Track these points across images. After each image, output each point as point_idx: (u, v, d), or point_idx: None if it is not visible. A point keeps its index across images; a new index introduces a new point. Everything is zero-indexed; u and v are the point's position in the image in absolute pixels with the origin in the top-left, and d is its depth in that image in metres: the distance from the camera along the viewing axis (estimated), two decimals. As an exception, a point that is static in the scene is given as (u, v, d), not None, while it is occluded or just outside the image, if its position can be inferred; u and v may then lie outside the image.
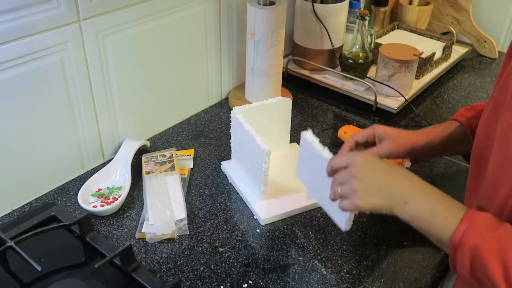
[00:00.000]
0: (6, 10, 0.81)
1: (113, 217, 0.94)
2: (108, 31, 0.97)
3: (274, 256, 0.87)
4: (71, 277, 0.80)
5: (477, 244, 0.62)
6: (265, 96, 1.21)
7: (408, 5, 1.57)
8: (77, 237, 0.87)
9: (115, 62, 1.00)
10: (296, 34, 1.39)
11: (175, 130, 1.20)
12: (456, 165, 1.10)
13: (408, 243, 0.91)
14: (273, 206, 0.96)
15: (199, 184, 1.03)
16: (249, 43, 1.18)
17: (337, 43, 1.36)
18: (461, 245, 0.64)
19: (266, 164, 0.91)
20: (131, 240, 0.89)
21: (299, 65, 1.41)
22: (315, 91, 1.36)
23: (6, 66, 0.84)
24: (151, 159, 1.04)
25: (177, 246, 0.89)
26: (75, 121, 0.99)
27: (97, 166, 1.06)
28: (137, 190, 1.00)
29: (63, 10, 0.88)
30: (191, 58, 1.18)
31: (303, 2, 1.30)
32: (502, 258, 0.60)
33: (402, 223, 0.95)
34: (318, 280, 0.83)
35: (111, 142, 1.08)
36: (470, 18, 1.56)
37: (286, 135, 1.10)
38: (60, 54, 0.91)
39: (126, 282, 0.80)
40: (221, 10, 1.19)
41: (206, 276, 0.83)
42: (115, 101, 1.04)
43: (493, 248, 0.62)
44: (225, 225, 0.93)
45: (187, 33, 1.13)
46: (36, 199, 0.97)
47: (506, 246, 0.61)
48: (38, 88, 0.90)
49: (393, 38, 1.49)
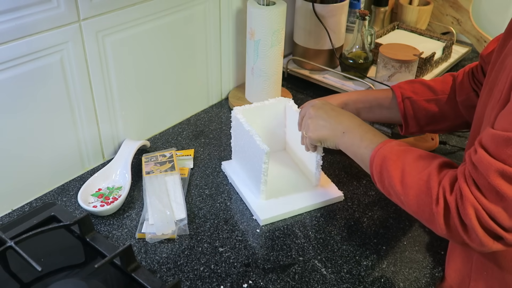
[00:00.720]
0: (6, 10, 0.80)
1: (113, 217, 0.94)
2: (108, 31, 0.97)
3: (274, 256, 0.87)
4: (71, 277, 0.80)
5: (386, 155, 0.77)
6: (265, 96, 1.21)
7: (408, 5, 1.57)
8: (77, 237, 0.87)
9: (115, 62, 1.00)
10: (296, 34, 1.39)
11: (175, 130, 1.20)
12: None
13: (408, 243, 0.91)
14: (273, 206, 0.96)
15: (199, 184, 1.03)
16: (249, 43, 1.18)
17: (337, 43, 1.36)
18: (375, 158, 0.78)
19: (266, 164, 0.91)
20: (131, 240, 0.89)
21: (299, 65, 1.41)
22: (315, 91, 1.36)
23: (6, 66, 0.84)
24: (151, 159, 1.04)
25: (177, 246, 0.89)
26: (75, 121, 0.99)
27: (97, 166, 1.06)
28: (137, 190, 1.00)
29: (63, 10, 0.88)
30: (191, 58, 1.18)
31: (303, 2, 1.30)
32: (402, 164, 0.74)
33: (402, 223, 0.95)
34: (318, 280, 0.83)
35: (111, 142, 1.08)
36: (470, 18, 1.56)
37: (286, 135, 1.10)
38: (60, 54, 0.91)
39: (126, 282, 0.80)
40: (221, 10, 1.19)
41: (206, 276, 0.83)
42: (115, 101, 1.04)
43: (397, 158, 0.75)
44: (225, 225, 0.93)
45: (187, 33, 1.13)
46: (36, 199, 0.97)
47: (406, 156, 0.74)
48: (38, 88, 0.90)
49: (393, 38, 1.49)
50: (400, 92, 1.00)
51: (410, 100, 0.99)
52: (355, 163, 1.09)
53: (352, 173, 1.07)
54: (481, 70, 0.95)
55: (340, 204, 0.99)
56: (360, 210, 0.98)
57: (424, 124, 1.01)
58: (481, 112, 0.77)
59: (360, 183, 1.04)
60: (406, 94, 0.99)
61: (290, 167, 1.06)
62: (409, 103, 0.99)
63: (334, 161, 1.10)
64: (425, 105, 0.99)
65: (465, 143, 1.17)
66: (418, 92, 1.00)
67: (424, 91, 1.00)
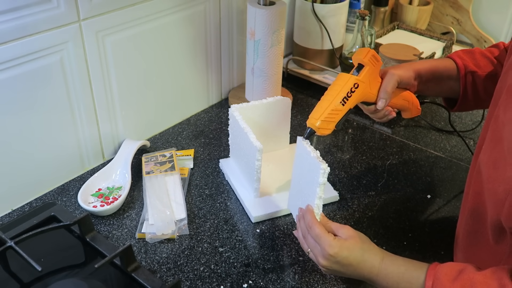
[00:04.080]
0: (6, 10, 0.80)
1: (113, 217, 0.94)
2: (108, 31, 0.97)
3: (274, 256, 0.87)
4: (71, 277, 0.80)
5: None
6: (265, 96, 1.20)
7: (408, 5, 1.57)
8: (77, 237, 0.87)
9: (115, 62, 1.00)
10: (296, 34, 1.39)
11: (175, 130, 1.20)
12: (456, 165, 1.10)
13: (408, 243, 0.91)
14: (266, 204, 0.96)
15: (199, 184, 1.03)
16: (249, 43, 1.18)
17: (337, 43, 1.36)
18: None
19: (259, 162, 0.91)
20: (131, 240, 0.89)
21: (299, 65, 1.41)
22: (315, 91, 1.36)
23: (6, 66, 0.84)
24: (151, 159, 1.04)
25: (177, 246, 0.89)
26: (75, 121, 0.99)
27: (97, 166, 1.06)
28: (137, 190, 1.00)
29: (63, 10, 0.88)
30: (191, 58, 1.18)
31: (303, 2, 1.30)
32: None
33: (402, 223, 0.95)
34: (318, 280, 0.83)
35: (111, 142, 1.08)
36: (470, 18, 1.56)
37: (286, 135, 1.10)
38: (60, 54, 0.91)
39: (126, 282, 0.80)
40: (221, 10, 1.19)
41: (206, 276, 0.83)
42: (115, 101, 1.04)
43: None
44: (225, 225, 0.93)
45: (187, 33, 1.13)
46: (36, 199, 0.97)
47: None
48: (38, 88, 0.90)
49: (393, 38, 1.49)
50: (463, 64, 0.92)
51: (473, 75, 0.91)
52: (355, 163, 1.10)
53: (352, 173, 1.07)
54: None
55: (340, 204, 0.99)
56: (360, 210, 0.98)
57: (483, 99, 0.92)
58: (485, 125, 0.75)
59: (360, 183, 1.04)
60: (469, 68, 0.91)
61: (289, 167, 1.06)
62: (471, 78, 0.91)
63: (334, 161, 1.10)
64: (486, 81, 0.91)
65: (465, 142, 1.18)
66: (481, 65, 0.92)
67: (487, 65, 0.92)
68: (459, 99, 0.94)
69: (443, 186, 1.05)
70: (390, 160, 1.12)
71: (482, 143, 0.76)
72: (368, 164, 1.10)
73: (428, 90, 0.95)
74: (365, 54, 0.84)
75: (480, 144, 0.77)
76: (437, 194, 1.02)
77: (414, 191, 1.03)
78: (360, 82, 0.83)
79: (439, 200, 1.01)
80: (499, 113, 0.68)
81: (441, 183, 1.05)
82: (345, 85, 0.83)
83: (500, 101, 0.69)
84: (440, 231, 0.94)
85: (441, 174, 1.08)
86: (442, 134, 1.21)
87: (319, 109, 0.82)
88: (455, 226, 0.86)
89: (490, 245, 0.72)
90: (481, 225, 0.74)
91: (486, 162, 0.70)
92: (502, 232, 0.68)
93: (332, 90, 0.84)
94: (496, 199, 0.66)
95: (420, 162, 1.11)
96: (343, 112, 0.82)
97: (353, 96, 0.83)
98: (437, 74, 0.93)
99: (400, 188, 1.03)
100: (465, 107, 0.96)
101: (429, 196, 1.01)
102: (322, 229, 0.77)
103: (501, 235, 0.69)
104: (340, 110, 0.82)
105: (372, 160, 1.11)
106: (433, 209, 0.98)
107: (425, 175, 1.07)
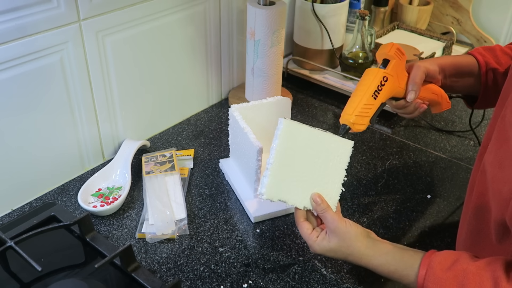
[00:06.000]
0: (6, 10, 0.80)
1: (113, 217, 0.94)
2: (108, 31, 0.97)
3: (274, 256, 0.87)
4: (71, 277, 0.80)
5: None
6: (265, 96, 1.21)
7: (408, 5, 1.57)
8: (77, 237, 0.87)
9: (115, 62, 1.00)
10: (296, 34, 1.39)
11: (175, 130, 1.20)
12: (456, 165, 1.10)
13: (408, 243, 0.91)
14: (266, 204, 0.95)
15: (199, 184, 1.03)
16: (249, 43, 1.18)
17: (337, 43, 1.36)
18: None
19: (259, 162, 0.91)
20: (131, 240, 0.89)
21: (299, 65, 1.41)
22: (315, 91, 1.36)
23: (6, 66, 0.84)
24: (151, 159, 1.04)
25: (177, 246, 0.89)
26: (75, 121, 0.99)
27: (97, 166, 1.06)
28: (137, 190, 1.00)
29: (63, 10, 0.88)
30: (191, 58, 1.18)
31: (303, 2, 1.30)
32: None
33: (402, 223, 0.95)
34: (318, 280, 0.83)
35: (111, 142, 1.08)
36: (470, 18, 1.56)
37: (286, 135, 1.10)
38: (60, 54, 0.91)
39: (126, 282, 0.80)
40: (221, 10, 1.19)
41: (206, 276, 0.83)
42: (115, 101, 1.04)
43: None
44: (225, 225, 0.93)
45: (187, 33, 1.13)
46: (36, 199, 0.97)
47: (461, 283, 0.65)
48: (38, 88, 0.90)
49: (393, 38, 1.49)
50: (484, 61, 0.91)
51: (494, 72, 0.91)
52: (355, 163, 1.10)
53: (352, 173, 1.07)
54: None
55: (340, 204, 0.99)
56: (360, 210, 0.98)
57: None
58: (490, 125, 0.75)
59: (360, 183, 1.04)
60: (490, 65, 0.91)
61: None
62: (492, 75, 0.91)
63: (334, 161, 1.10)
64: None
65: (465, 143, 1.18)
66: (502, 62, 0.91)
67: (508, 62, 0.91)
68: (479, 96, 0.94)
69: (443, 186, 1.05)
70: (390, 160, 1.12)
71: (487, 143, 0.76)
72: (368, 164, 1.10)
73: (451, 85, 0.95)
74: (389, 48, 0.84)
75: (485, 144, 0.77)
76: (437, 194, 1.02)
77: (414, 191, 1.03)
78: (388, 75, 0.82)
79: (439, 200, 1.01)
80: (506, 113, 0.68)
81: (441, 183, 1.05)
82: (375, 79, 0.82)
83: (507, 101, 0.69)
84: (440, 231, 0.94)
85: (441, 174, 1.08)
86: (442, 134, 1.21)
87: (352, 105, 0.81)
88: (456, 226, 0.86)
89: (493, 244, 0.72)
90: (484, 225, 0.74)
91: (491, 162, 0.70)
92: (505, 232, 0.68)
93: (361, 85, 0.83)
94: (501, 199, 0.66)
95: (420, 162, 1.11)
96: (376, 106, 0.82)
97: (384, 89, 0.82)
98: (459, 69, 0.93)
99: (400, 188, 1.03)
100: (485, 104, 0.96)
101: (429, 196, 1.01)
102: (303, 229, 0.79)
103: (504, 235, 0.69)
104: (372, 104, 0.81)
105: (372, 160, 1.11)
106: (433, 209, 0.98)
107: (425, 175, 1.07)
